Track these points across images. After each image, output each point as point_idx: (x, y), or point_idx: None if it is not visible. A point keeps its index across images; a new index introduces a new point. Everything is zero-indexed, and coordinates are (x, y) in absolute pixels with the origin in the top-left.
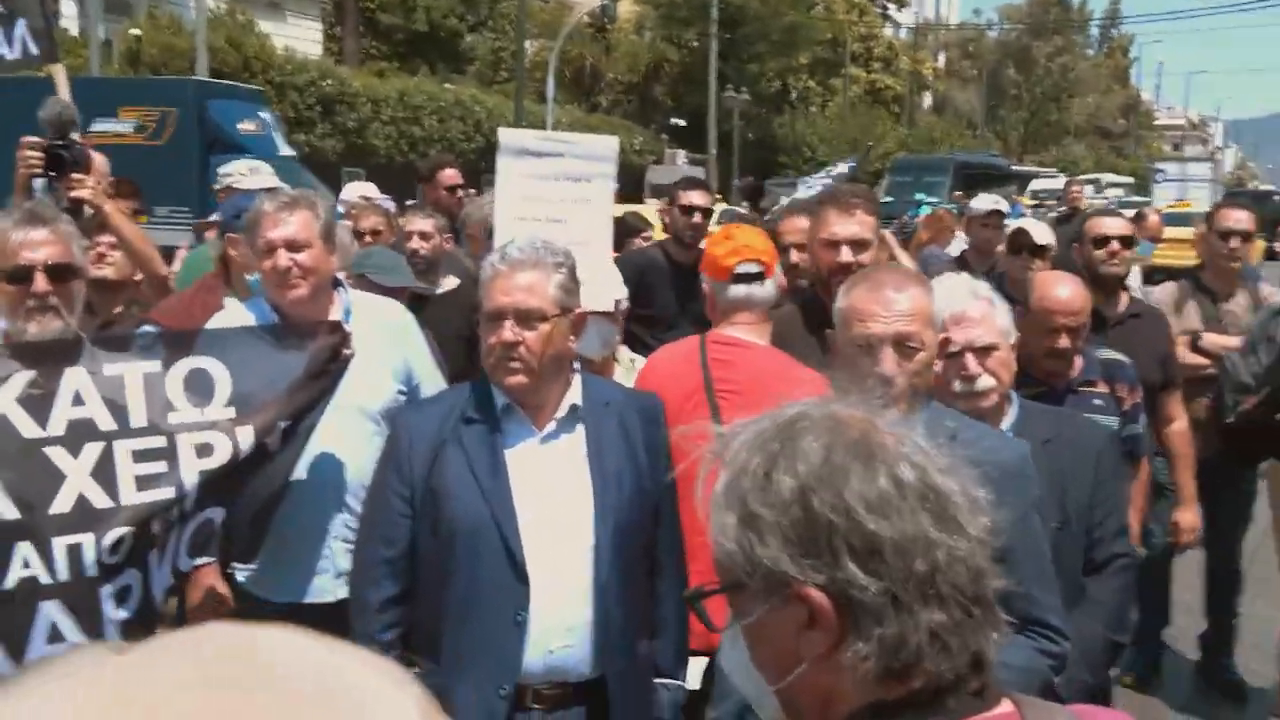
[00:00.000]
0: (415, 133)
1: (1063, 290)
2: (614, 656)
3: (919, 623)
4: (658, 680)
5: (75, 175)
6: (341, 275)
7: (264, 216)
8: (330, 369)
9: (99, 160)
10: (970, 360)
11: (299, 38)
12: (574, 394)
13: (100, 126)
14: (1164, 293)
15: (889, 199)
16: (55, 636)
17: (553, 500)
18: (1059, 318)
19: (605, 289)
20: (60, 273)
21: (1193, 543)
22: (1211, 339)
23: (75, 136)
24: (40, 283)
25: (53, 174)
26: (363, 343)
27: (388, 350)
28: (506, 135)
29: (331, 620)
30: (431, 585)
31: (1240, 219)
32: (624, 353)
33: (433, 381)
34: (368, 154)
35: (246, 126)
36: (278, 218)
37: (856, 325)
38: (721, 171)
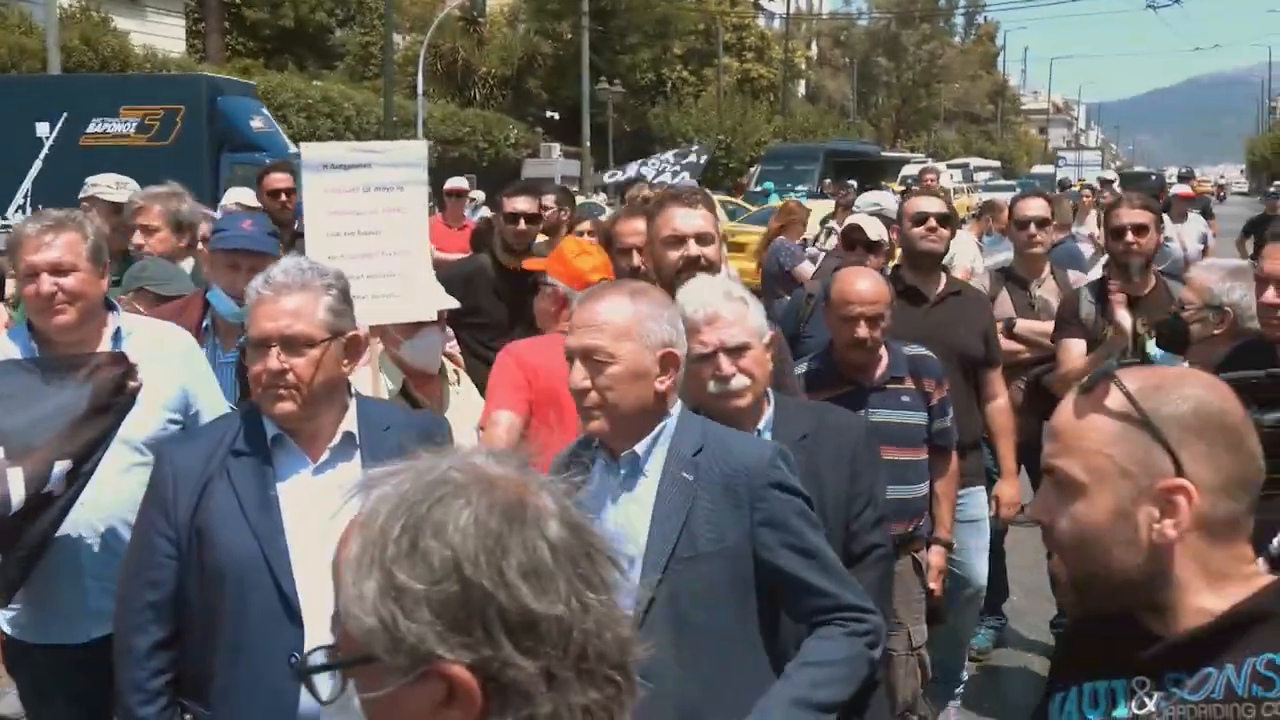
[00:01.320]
0: (283, 131)
1: (860, 282)
2: None
3: (572, 702)
4: None
5: None
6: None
7: (26, 239)
8: (114, 403)
9: None
10: (724, 360)
11: (160, 35)
12: (349, 421)
13: (98, 128)
14: (976, 283)
15: (758, 189)
16: None
17: (328, 535)
18: (855, 307)
19: (430, 298)
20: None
21: (1012, 517)
22: (1024, 325)
23: None
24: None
25: None
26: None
27: (160, 376)
28: (308, 151)
29: (86, 661)
30: (200, 629)
31: (1034, 207)
32: (447, 364)
33: (214, 410)
34: None
35: (257, 124)
36: (40, 240)
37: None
38: (597, 164)
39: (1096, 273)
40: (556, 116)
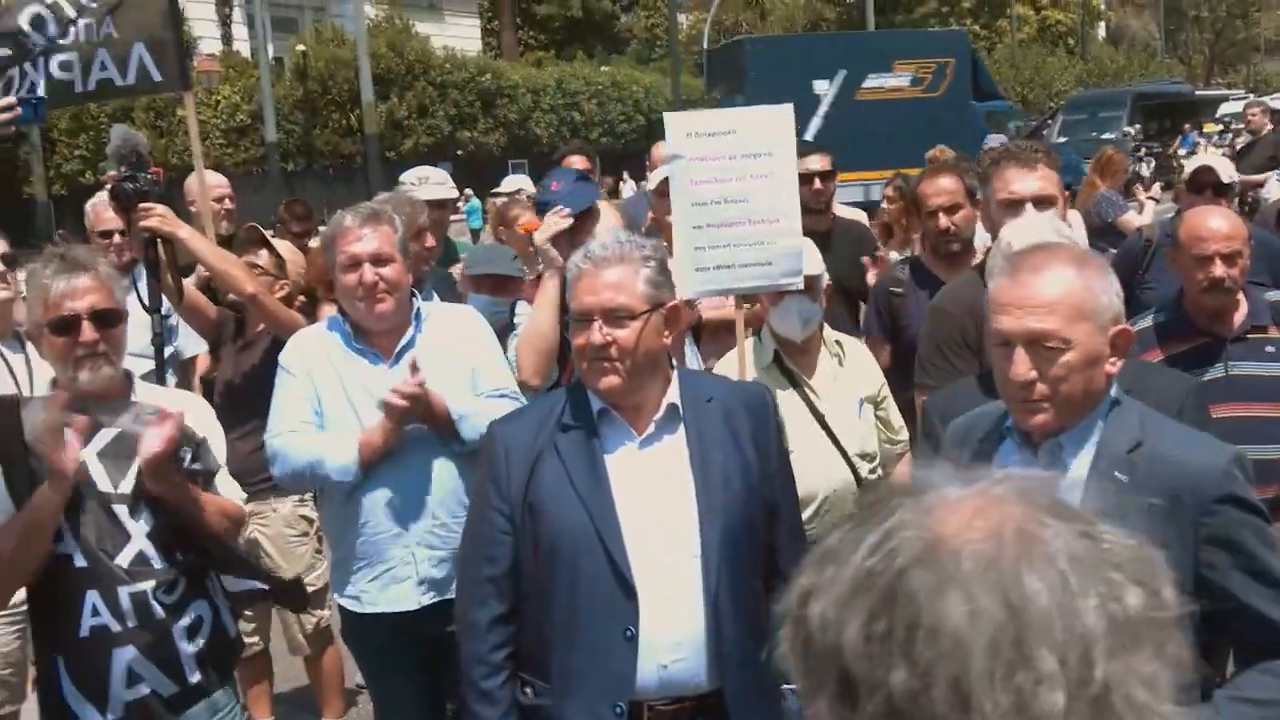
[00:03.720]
0: (575, 118)
1: (1214, 218)
2: (732, 667)
3: None
4: (786, 687)
5: (143, 206)
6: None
7: (345, 230)
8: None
9: (215, 181)
10: None
11: (458, 36)
12: (672, 393)
13: (873, 82)
14: None
15: (1063, 139)
16: (133, 679)
17: (656, 507)
18: (1210, 244)
19: (798, 265)
20: (105, 319)
21: None
22: None
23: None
24: (87, 331)
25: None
26: (432, 353)
27: (456, 356)
28: (673, 120)
29: (414, 627)
30: (536, 603)
31: None
32: (829, 333)
33: (499, 386)
34: (530, 144)
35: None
36: (360, 232)
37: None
38: None
39: None
40: None
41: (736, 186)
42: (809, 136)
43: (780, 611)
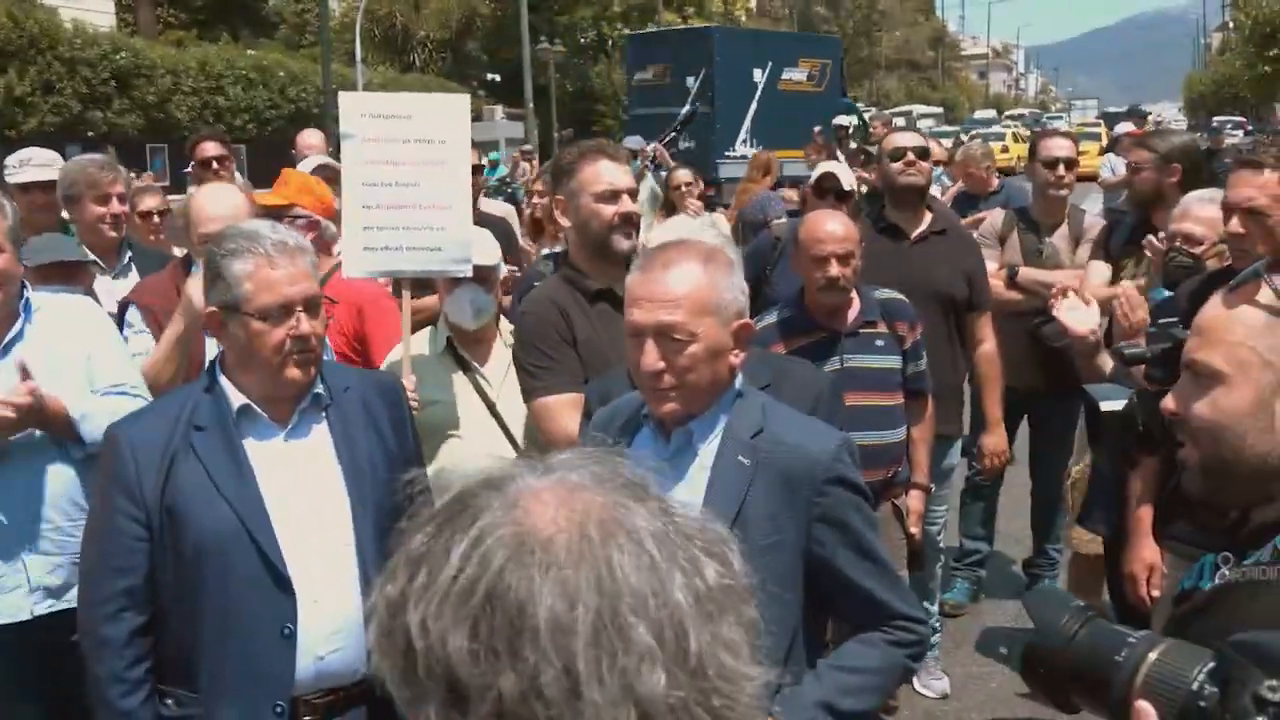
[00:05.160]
0: (219, 102)
1: (829, 222)
2: None
3: None
4: None
5: None
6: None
7: None
8: None
9: None
10: None
11: (89, 9)
12: (316, 383)
13: (788, 75)
14: (989, 223)
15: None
16: None
17: (306, 499)
18: (826, 246)
19: (466, 254)
20: None
21: (999, 467)
22: (1028, 274)
23: None
24: None
25: None
26: (43, 346)
27: (70, 348)
28: (347, 100)
29: (29, 637)
30: (180, 610)
31: (1063, 147)
32: (505, 325)
33: (119, 377)
34: (170, 128)
35: None
36: None
37: None
38: (542, 125)
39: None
40: (498, 79)
41: (408, 171)
42: (748, 119)
43: (367, 616)
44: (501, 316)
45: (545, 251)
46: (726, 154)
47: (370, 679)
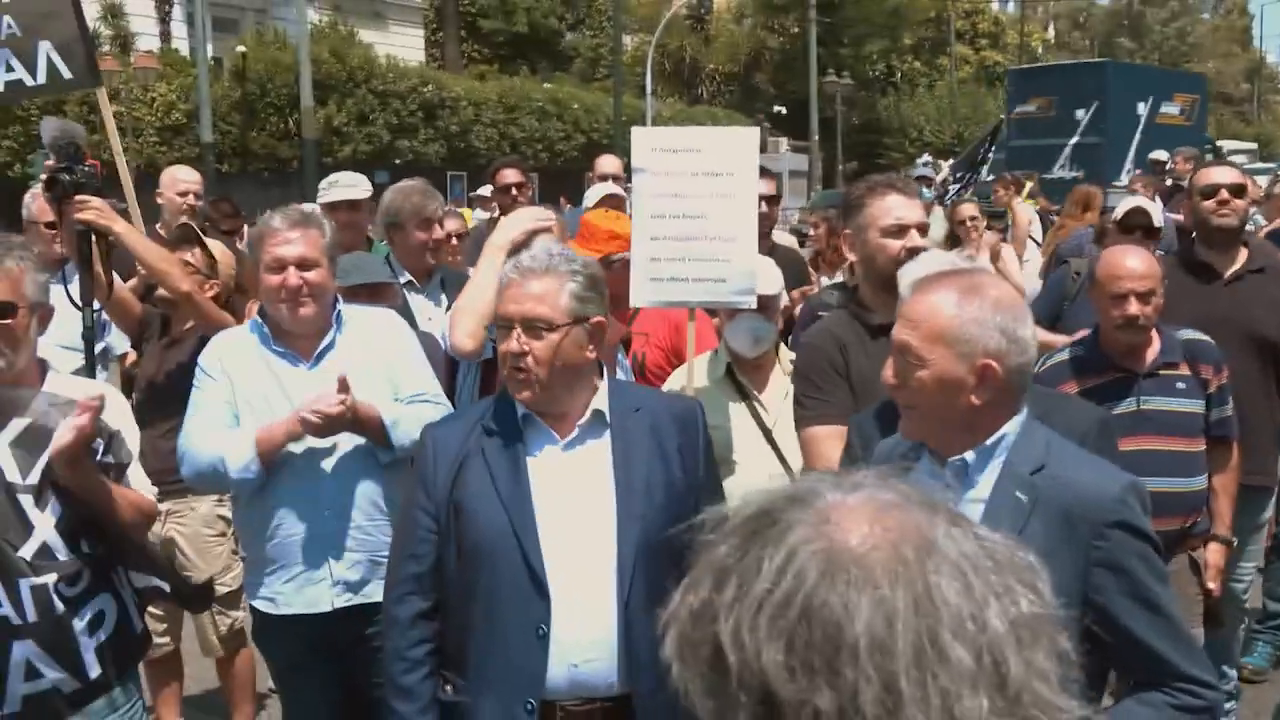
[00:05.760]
0: (515, 133)
1: (1130, 258)
2: (643, 672)
3: None
4: None
5: (79, 198)
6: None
7: (273, 232)
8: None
9: (186, 177)
10: None
11: (401, 45)
12: (599, 400)
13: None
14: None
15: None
16: (32, 673)
17: (575, 510)
18: (1125, 283)
19: (751, 284)
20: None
21: None
22: None
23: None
24: None
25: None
26: (352, 355)
27: (375, 358)
28: (639, 135)
29: (328, 630)
30: (457, 600)
31: None
32: (785, 352)
33: (419, 387)
34: (470, 156)
35: None
36: (287, 235)
37: None
38: (826, 157)
39: None
40: (784, 111)
41: (696, 203)
42: (1132, 150)
43: (666, 626)
44: (781, 345)
45: (826, 280)
46: (1114, 183)
47: (632, 695)
